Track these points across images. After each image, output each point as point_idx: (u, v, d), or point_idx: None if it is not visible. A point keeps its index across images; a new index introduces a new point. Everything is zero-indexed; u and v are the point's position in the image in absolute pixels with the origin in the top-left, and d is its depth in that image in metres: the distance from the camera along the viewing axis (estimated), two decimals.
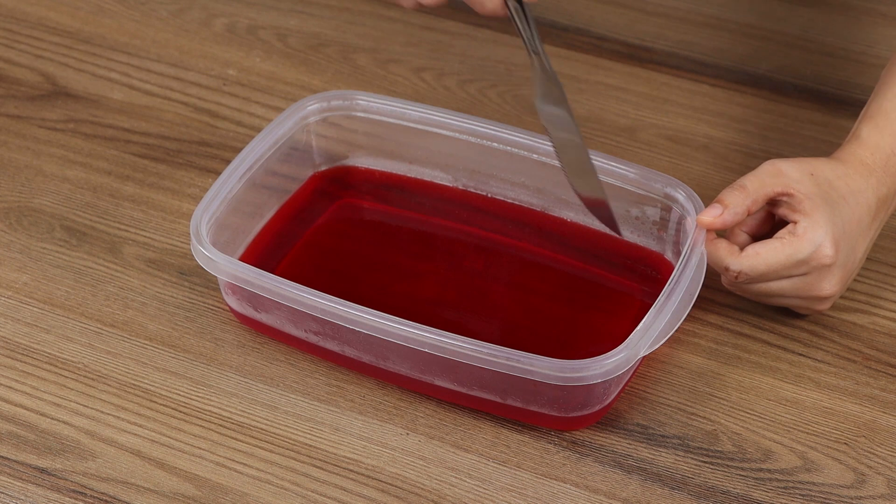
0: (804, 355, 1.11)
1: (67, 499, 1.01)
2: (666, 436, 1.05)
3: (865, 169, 1.08)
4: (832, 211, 1.05)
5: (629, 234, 1.16)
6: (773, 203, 1.07)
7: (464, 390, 1.05)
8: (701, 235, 1.06)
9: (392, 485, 1.02)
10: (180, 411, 1.06)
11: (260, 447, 1.04)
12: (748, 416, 1.06)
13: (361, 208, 1.21)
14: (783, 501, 1.01)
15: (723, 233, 1.09)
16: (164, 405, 1.07)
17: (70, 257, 1.17)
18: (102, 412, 1.06)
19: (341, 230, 1.19)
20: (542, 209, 1.18)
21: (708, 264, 1.07)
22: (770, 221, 1.10)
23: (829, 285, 1.06)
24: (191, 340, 1.11)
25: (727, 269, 1.06)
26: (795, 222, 1.05)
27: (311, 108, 1.19)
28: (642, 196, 1.13)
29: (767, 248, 1.05)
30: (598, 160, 1.13)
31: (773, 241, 1.05)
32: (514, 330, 1.11)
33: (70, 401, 1.07)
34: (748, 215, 1.06)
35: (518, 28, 1.04)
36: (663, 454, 1.04)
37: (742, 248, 1.06)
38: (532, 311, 1.12)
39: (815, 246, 1.04)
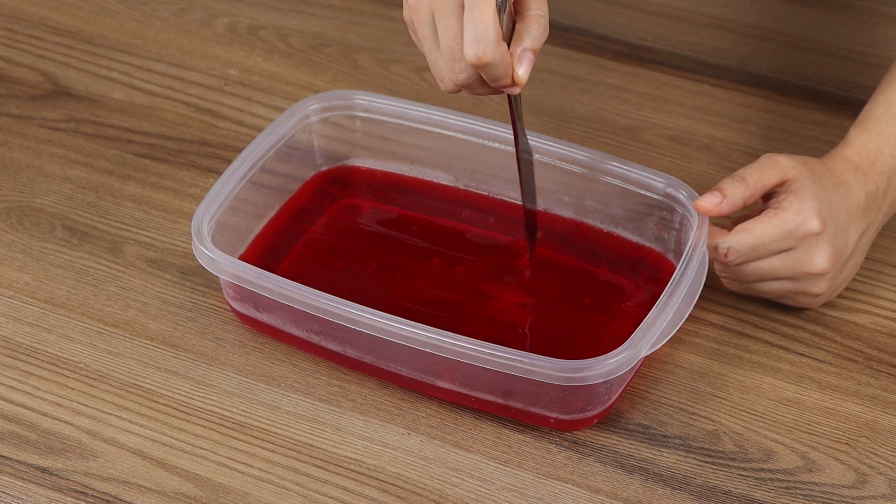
0: (806, 355, 1.11)
1: (69, 499, 1.01)
2: (667, 436, 1.05)
3: (852, 166, 1.10)
4: (820, 190, 1.07)
5: (631, 235, 1.16)
6: (766, 196, 1.09)
7: (465, 390, 1.05)
8: (702, 236, 1.07)
9: (393, 485, 1.02)
10: (182, 411, 1.06)
11: (261, 447, 1.04)
12: (749, 416, 1.06)
13: (362, 208, 1.21)
14: (784, 501, 1.01)
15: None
16: (165, 405, 1.07)
17: (71, 257, 1.17)
18: (104, 412, 1.06)
19: (342, 230, 1.19)
20: (544, 209, 1.18)
21: (710, 265, 1.08)
22: None
23: (821, 259, 1.07)
24: (192, 340, 1.11)
25: (716, 247, 1.07)
26: (783, 199, 1.07)
27: (312, 107, 1.19)
28: (643, 196, 1.13)
29: (754, 222, 1.07)
30: (600, 160, 1.13)
31: (759, 216, 1.07)
32: (515, 330, 1.11)
33: (71, 400, 1.07)
34: (743, 206, 1.08)
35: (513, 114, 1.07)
36: (665, 454, 1.04)
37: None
38: (533, 311, 1.12)
39: (801, 217, 1.06)
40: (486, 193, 1.20)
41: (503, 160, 1.17)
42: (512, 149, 1.16)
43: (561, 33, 1.40)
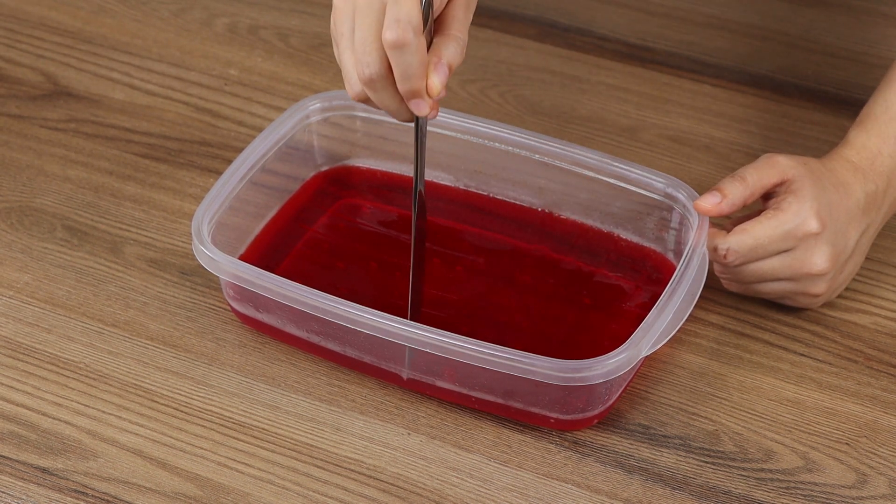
0: (806, 355, 1.11)
1: (69, 499, 1.01)
2: (667, 436, 1.05)
3: (852, 166, 1.10)
4: (819, 190, 1.07)
5: (631, 235, 1.16)
6: (766, 196, 1.09)
7: (465, 390, 1.05)
8: (702, 236, 1.07)
9: (393, 485, 1.02)
10: (182, 411, 1.06)
11: (261, 447, 1.04)
12: (750, 416, 1.06)
13: (362, 208, 1.21)
14: (785, 502, 1.01)
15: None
16: (165, 405, 1.07)
17: (71, 257, 1.17)
18: (104, 412, 1.06)
19: (342, 230, 1.19)
20: (544, 209, 1.18)
21: (709, 265, 1.08)
22: None
23: (820, 260, 1.07)
24: (192, 340, 1.11)
25: (716, 249, 1.07)
26: (782, 199, 1.07)
27: (312, 107, 1.19)
28: (643, 196, 1.13)
29: (753, 223, 1.07)
30: (600, 160, 1.13)
31: (759, 217, 1.07)
32: (515, 330, 1.11)
33: (71, 401, 1.07)
34: (743, 206, 1.08)
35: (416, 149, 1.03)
36: (665, 454, 1.04)
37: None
38: (533, 311, 1.12)
39: (800, 218, 1.06)
40: (486, 193, 1.20)
41: (503, 160, 1.17)
42: (512, 149, 1.16)
43: (561, 33, 1.40)
